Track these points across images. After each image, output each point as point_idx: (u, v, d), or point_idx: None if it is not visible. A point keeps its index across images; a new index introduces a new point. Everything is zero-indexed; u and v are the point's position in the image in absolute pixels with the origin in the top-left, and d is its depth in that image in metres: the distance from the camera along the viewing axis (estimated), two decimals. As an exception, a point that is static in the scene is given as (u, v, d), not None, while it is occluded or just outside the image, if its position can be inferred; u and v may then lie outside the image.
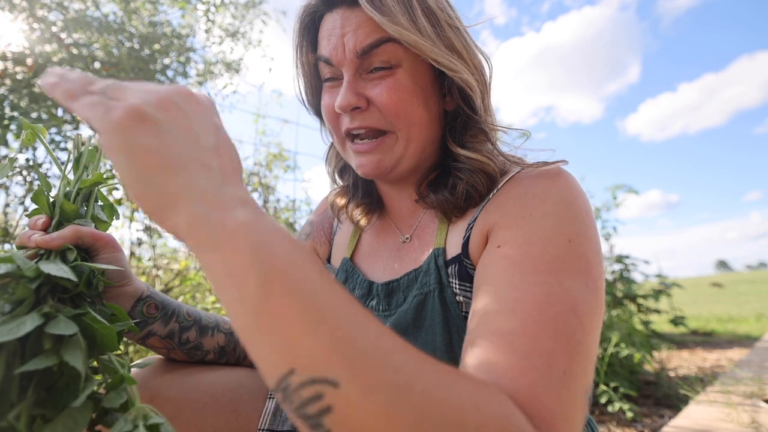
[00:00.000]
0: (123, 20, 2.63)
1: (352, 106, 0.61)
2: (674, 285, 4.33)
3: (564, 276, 0.45)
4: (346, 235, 0.83)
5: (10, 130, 2.03)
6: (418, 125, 0.63)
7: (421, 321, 0.61)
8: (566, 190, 0.53)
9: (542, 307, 0.42)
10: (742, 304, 10.86)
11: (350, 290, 0.74)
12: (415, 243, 0.70)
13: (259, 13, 3.35)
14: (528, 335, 0.40)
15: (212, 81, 3.21)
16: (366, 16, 0.61)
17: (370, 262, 0.76)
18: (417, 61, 0.62)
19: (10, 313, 0.37)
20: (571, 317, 0.42)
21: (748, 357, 3.66)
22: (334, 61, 0.63)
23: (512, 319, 0.42)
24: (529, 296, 0.43)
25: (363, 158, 0.64)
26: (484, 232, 0.57)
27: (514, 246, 0.48)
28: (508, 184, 0.59)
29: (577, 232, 0.49)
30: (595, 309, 0.45)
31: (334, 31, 0.63)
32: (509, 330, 0.41)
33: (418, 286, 0.63)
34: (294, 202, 4.03)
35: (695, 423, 1.96)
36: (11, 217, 2.31)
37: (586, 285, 0.45)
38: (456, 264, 0.61)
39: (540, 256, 0.46)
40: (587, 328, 0.42)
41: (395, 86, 0.61)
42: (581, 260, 0.47)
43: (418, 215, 0.73)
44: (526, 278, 0.45)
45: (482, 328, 0.44)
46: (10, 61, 2.17)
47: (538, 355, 0.39)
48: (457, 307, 0.59)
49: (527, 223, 0.50)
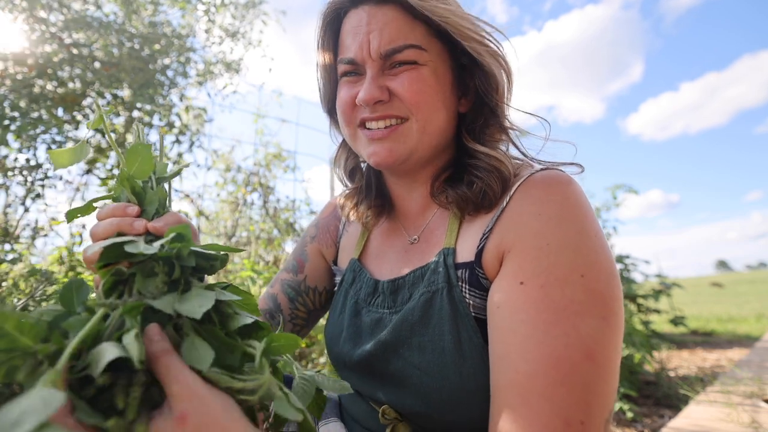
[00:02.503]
0: (123, 20, 2.63)
1: (375, 100, 0.62)
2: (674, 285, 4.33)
3: (579, 320, 0.49)
4: (353, 237, 0.83)
5: (10, 130, 2.03)
6: (435, 119, 0.64)
7: (428, 319, 0.61)
8: (578, 208, 0.55)
9: (559, 363, 0.47)
10: (742, 304, 10.86)
11: (357, 289, 0.74)
12: (422, 244, 0.71)
13: (259, 13, 3.35)
14: (547, 396, 0.46)
15: (212, 81, 3.21)
16: (393, 15, 0.63)
17: (377, 262, 0.76)
18: (439, 63, 0.64)
19: (172, 291, 0.40)
20: (587, 364, 0.47)
21: (748, 357, 3.66)
22: (358, 59, 0.64)
23: (538, 381, 0.47)
24: (548, 351, 0.48)
25: (377, 146, 0.65)
26: (499, 250, 0.57)
27: (535, 287, 0.51)
28: (521, 192, 0.59)
29: (591, 263, 0.52)
30: (612, 339, 0.50)
31: (360, 28, 0.64)
32: (536, 394, 0.47)
33: (426, 284, 0.63)
34: (294, 202, 4.03)
35: (695, 423, 1.96)
36: (11, 217, 2.31)
37: (602, 318, 0.50)
38: (467, 269, 0.60)
39: (559, 300, 0.50)
40: (602, 367, 0.48)
41: (417, 78, 0.62)
42: (595, 296, 0.50)
43: (427, 216, 0.73)
44: (548, 331, 0.49)
45: (507, 391, 0.49)
46: (11, 62, 2.18)
47: (557, 415, 0.45)
48: (465, 306, 0.59)
49: (546, 256, 0.52)
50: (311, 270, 0.86)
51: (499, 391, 0.51)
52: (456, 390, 0.56)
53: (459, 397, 0.56)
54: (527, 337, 0.49)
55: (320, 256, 0.87)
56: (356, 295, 0.74)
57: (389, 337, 0.63)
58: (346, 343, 0.71)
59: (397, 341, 0.63)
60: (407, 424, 0.63)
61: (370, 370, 0.67)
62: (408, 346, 0.61)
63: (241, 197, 3.82)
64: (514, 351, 0.50)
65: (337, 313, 0.77)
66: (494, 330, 0.53)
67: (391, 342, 0.63)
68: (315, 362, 2.05)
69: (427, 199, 0.73)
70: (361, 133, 0.67)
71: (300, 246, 0.90)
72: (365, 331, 0.69)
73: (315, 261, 0.86)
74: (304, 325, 0.86)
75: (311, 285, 0.85)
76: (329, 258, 0.87)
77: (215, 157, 3.63)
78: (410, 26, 0.63)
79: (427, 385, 0.58)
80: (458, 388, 0.56)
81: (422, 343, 0.60)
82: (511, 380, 0.49)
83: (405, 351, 0.61)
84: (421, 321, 0.61)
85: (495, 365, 0.52)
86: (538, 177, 0.58)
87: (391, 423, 0.64)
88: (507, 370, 0.50)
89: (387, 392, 0.64)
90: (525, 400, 0.47)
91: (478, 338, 0.56)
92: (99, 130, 0.54)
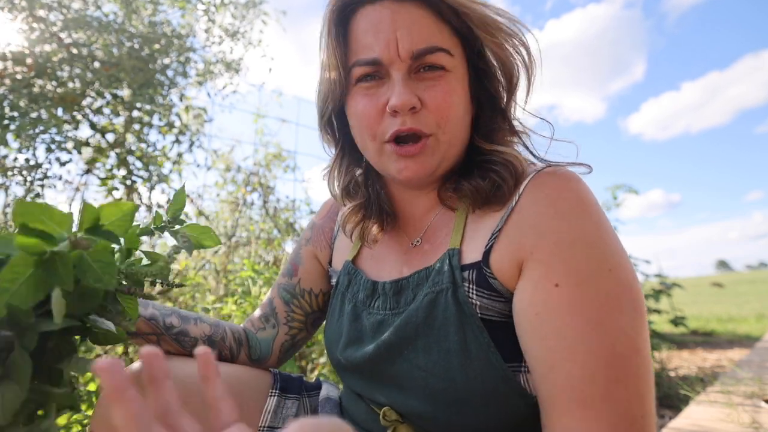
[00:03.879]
0: (123, 20, 2.63)
1: (411, 106, 0.58)
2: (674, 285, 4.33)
3: (619, 315, 0.49)
4: (348, 238, 0.81)
5: (9, 130, 2.03)
6: (460, 129, 0.63)
7: (432, 320, 0.60)
8: (591, 205, 0.55)
9: (613, 361, 0.47)
10: (742, 304, 10.86)
11: (354, 293, 0.73)
12: (425, 246, 0.69)
13: (259, 13, 3.34)
14: (608, 397, 0.46)
15: (212, 81, 3.21)
16: (419, 13, 0.58)
17: (374, 264, 0.75)
18: (463, 67, 0.63)
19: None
20: (636, 358, 0.48)
21: (749, 357, 3.66)
22: (384, 59, 0.58)
23: (596, 382, 0.47)
24: (599, 350, 0.48)
25: (408, 161, 0.61)
26: (518, 255, 0.55)
27: (572, 286, 0.51)
28: (531, 192, 0.57)
29: (614, 255, 0.52)
30: (644, 327, 0.50)
31: (383, 25, 0.58)
32: (596, 397, 0.47)
33: (430, 285, 0.62)
34: (294, 202, 4.03)
35: (695, 423, 1.96)
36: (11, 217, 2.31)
37: (634, 309, 0.50)
38: (474, 270, 0.59)
39: (596, 297, 0.50)
40: (645, 357, 0.49)
41: (448, 90, 0.60)
42: (624, 287, 0.51)
43: (429, 217, 0.72)
44: (594, 331, 0.48)
45: (563, 398, 0.48)
46: (10, 61, 2.17)
47: (620, 414, 0.46)
48: (471, 307, 0.57)
49: (573, 255, 0.52)
50: (305, 273, 0.85)
51: (552, 400, 0.50)
52: (462, 391, 0.55)
53: (465, 399, 0.55)
54: (575, 339, 0.49)
55: (314, 259, 0.86)
56: (354, 298, 0.73)
57: (393, 338, 0.62)
58: (348, 347, 0.70)
59: (401, 343, 0.62)
60: (409, 425, 0.63)
61: (373, 372, 0.66)
62: (413, 348, 0.60)
63: (241, 197, 3.81)
64: (563, 356, 0.49)
65: (335, 318, 0.76)
66: (536, 338, 0.52)
67: (396, 343, 0.62)
68: (315, 362, 2.05)
69: (432, 202, 0.72)
70: (389, 147, 0.62)
71: (296, 249, 0.89)
72: (367, 333, 0.68)
73: (308, 264, 0.86)
74: (302, 327, 0.85)
75: (305, 288, 0.85)
76: (324, 260, 0.86)
77: (215, 157, 3.63)
78: (438, 26, 0.59)
79: (433, 387, 0.58)
80: (464, 389, 0.55)
81: (427, 344, 0.59)
82: (566, 386, 0.48)
83: (410, 352, 0.61)
84: (426, 322, 0.60)
85: (544, 375, 0.51)
86: (546, 175, 0.58)
87: (392, 425, 0.63)
88: (559, 377, 0.49)
89: (390, 394, 0.64)
90: (584, 404, 0.47)
91: (484, 338, 0.56)
92: (99, 130, 0.54)
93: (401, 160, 0.61)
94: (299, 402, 0.79)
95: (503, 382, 0.55)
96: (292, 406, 0.77)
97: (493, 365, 0.55)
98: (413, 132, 0.59)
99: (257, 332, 0.82)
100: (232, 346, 0.78)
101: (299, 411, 0.78)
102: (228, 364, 0.75)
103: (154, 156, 2.74)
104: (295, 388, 0.80)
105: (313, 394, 0.82)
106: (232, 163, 3.85)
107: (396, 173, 0.63)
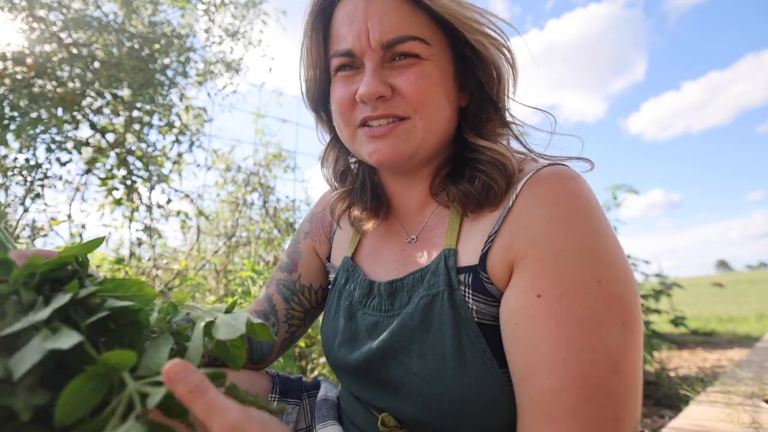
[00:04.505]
0: (123, 20, 2.63)
1: (378, 95, 0.58)
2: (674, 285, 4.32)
3: (603, 331, 0.47)
4: (347, 233, 0.80)
5: (9, 130, 2.03)
6: (440, 116, 0.61)
7: (428, 324, 0.59)
8: (589, 208, 0.52)
9: (586, 380, 0.46)
10: (742, 304, 10.85)
11: (351, 290, 0.72)
12: (421, 244, 0.68)
13: (259, 13, 3.34)
14: (576, 415, 0.45)
15: (212, 81, 3.21)
16: (392, 2, 0.58)
17: (371, 261, 0.74)
18: (442, 55, 0.61)
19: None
20: (614, 378, 0.46)
21: (749, 357, 3.66)
22: (356, 50, 0.59)
23: (564, 399, 0.46)
24: (573, 368, 0.46)
25: (378, 143, 0.61)
26: (509, 257, 0.54)
27: (554, 298, 0.49)
28: (527, 191, 0.55)
29: (607, 266, 0.50)
30: (635, 346, 0.48)
31: (356, 16, 0.59)
32: (562, 414, 0.46)
33: (425, 287, 0.60)
34: (294, 202, 4.03)
35: (695, 423, 1.96)
36: (11, 217, 2.31)
37: (623, 326, 0.48)
38: (470, 273, 0.58)
39: (580, 312, 0.48)
40: (629, 377, 0.47)
41: (422, 75, 0.59)
42: (613, 302, 0.48)
43: (425, 214, 0.70)
44: (571, 347, 0.47)
45: (533, 411, 0.48)
46: (10, 61, 2.17)
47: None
48: (467, 310, 0.56)
49: (561, 264, 0.50)
50: (305, 268, 0.83)
51: (524, 411, 0.50)
52: (457, 397, 0.54)
53: (460, 405, 0.54)
54: (550, 354, 0.47)
55: (313, 253, 0.84)
56: (350, 297, 0.72)
57: (388, 342, 0.61)
58: (342, 347, 0.69)
59: (396, 347, 0.61)
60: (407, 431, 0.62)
61: (368, 375, 0.65)
62: (407, 352, 0.59)
63: (241, 197, 3.81)
64: (537, 369, 0.48)
65: (331, 315, 0.75)
66: (514, 348, 0.51)
67: (390, 347, 0.61)
68: (315, 362, 2.05)
69: (426, 196, 0.70)
70: (361, 132, 0.63)
71: (294, 243, 0.87)
72: (361, 334, 0.67)
73: (308, 258, 0.84)
74: (300, 324, 0.84)
75: (306, 283, 0.83)
76: (323, 254, 0.84)
77: (215, 157, 3.63)
78: (412, 14, 0.59)
79: (428, 393, 0.56)
80: (459, 396, 0.54)
81: (422, 349, 0.58)
82: (536, 400, 0.48)
83: (404, 357, 0.60)
84: (421, 326, 0.59)
85: (519, 384, 0.50)
86: (544, 174, 0.55)
87: (390, 431, 0.62)
88: (531, 390, 0.48)
89: (385, 398, 0.63)
90: (552, 419, 0.46)
91: (480, 343, 0.54)
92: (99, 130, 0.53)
93: (371, 143, 0.61)
94: (299, 406, 0.78)
95: (498, 388, 0.53)
96: (292, 411, 0.76)
97: (488, 371, 0.54)
98: (391, 116, 0.60)
99: None
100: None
101: (299, 415, 0.76)
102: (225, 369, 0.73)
103: (154, 156, 2.74)
104: (296, 391, 0.79)
105: (313, 394, 0.81)
106: (232, 163, 3.85)
107: (368, 156, 0.63)
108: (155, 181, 2.72)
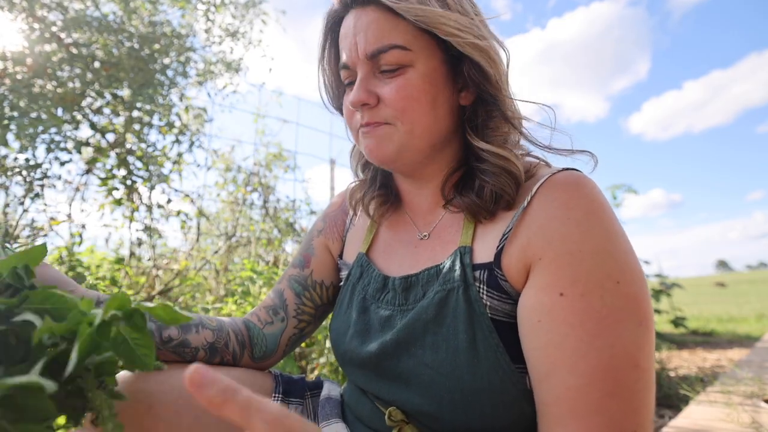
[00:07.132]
0: (123, 20, 2.63)
1: (362, 102, 0.63)
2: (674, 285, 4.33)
3: (622, 328, 0.49)
4: (361, 230, 0.83)
5: (10, 130, 2.03)
6: (424, 120, 0.64)
7: (442, 318, 0.60)
8: (604, 211, 0.55)
9: (608, 375, 0.48)
10: (742, 304, 10.86)
11: (365, 285, 0.74)
12: (434, 241, 0.70)
13: (259, 13, 3.34)
14: (599, 409, 0.47)
15: (212, 81, 3.21)
16: (375, 16, 0.62)
17: (385, 257, 0.75)
18: (429, 59, 0.63)
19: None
20: (634, 373, 0.48)
21: (749, 357, 3.66)
22: (350, 63, 0.65)
23: (587, 395, 0.48)
24: (595, 363, 0.48)
25: (369, 140, 0.66)
26: (526, 257, 0.56)
27: (576, 296, 0.51)
28: (543, 195, 0.57)
29: (623, 267, 0.52)
30: (650, 343, 0.50)
31: (348, 32, 0.65)
32: (587, 409, 0.47)
33: (441, 282, 0.62)
34: (294, 202, 4.03)
35: (695, 423, 1.96)
36: (11, 217, 2.31)
37: (639, 324, 0.50)
38: (485, 270, 0.59)
39: (600, 309, 0.50)
40: (644, 371, 0.49)
41: (404, 85, 0.62)
42: (630, 301, 0.50)
43: (438, 213, 0.72)
44: (593, 343, 0.49)
45: (557, 407, 0.49)
46: (10, 61, 2.17)
47: (610, 428, 0.46)
48: (481, 305, 0.58)
49: (581, 263, 0.52)
50: (317, 264, 0.85)
51: (547, 408, 0.51)
52: (468, 390, 0.56)
53: (471, 398, 0.56)
54: (573, 351, 0.49)
55: (326, 250, 0.86)
56: (364, 291, 0.73)
57: (401, 335, 0.63)
58: (354, 340, 0.70)
59: (409, 339, 0.62)
60: (414, 426, 0.62)
61: (379, 368, 0.66)
62: (421, 345, 0.61)
63: (241, 197, 3.81)
64: (560, 366, 0.50)
65: (343, 309, 0.76)
66: (536, 345, 0.53)
67: (404, 340, 0.62)
68: (315, 363, 2.05)
69: (438, 197, 0.72)
70: (360, 132, 0.68)
71: (307, 240, 0.89)
72: (374, 328, 0.68)
73: (321, 255, 0.86)
74: (310, 321, 0.85)
75: (317, 279, 0.85)
76: (335, 252, 0.86)
77: (215, 157, 3.63)
78: (392, 24, 0.62)
79: (439, 385, 0.58)
80: (471, 388, 0.55)
81: (436, 342, 0.59)
82: (560, 396, 0.49)
83: (417, 349, 0.61)
84: (435, 319, 0.60)
85: (541, 382, 0.52)
86: (560, 178, 0.58)
87: (397, 425, 0.63)
88: (555, 386, 0.50)
89: (395, 391, 0.64)
90: (577, 415, 0.48)
91: (494, 338, 0.56)
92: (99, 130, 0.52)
93: (365, 139, 0.67)
94: (302, 406, 0.78)
95: (510, 383, 0.55)
96: (296, 411, 0.76)
97: (500, 366, 0.55)
98: (371, 124, 0.66)
99: (264, 327, 0.80)
100: (235, 350, 0.76)
101: (303, 415, 0.76)
102: (227, 369, 0.73)
103: (154, 156, 2.74)
104: (299, 391, 0.79)
105: (316, 393, 0.81)
106: (232, 163, 3.85)
107: (365, 153, 0.68)
108: (155, 181, 2.72)
